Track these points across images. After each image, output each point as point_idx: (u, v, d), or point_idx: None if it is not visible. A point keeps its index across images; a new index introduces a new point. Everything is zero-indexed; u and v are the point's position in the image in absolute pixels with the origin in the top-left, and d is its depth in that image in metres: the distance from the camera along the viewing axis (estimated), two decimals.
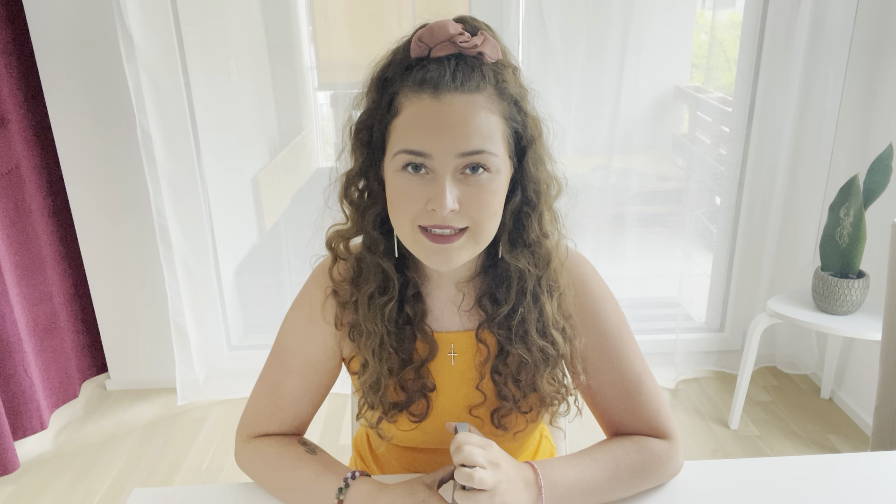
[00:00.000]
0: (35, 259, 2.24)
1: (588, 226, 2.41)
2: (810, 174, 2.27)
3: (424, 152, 0.75)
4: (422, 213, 0.76)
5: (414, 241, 0.79)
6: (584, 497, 0.83)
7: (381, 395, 0.88)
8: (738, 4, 2.28)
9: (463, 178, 0.76)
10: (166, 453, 2.18)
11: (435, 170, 0.75)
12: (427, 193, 0.76)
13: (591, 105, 2.30)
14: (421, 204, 0.76)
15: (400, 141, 0.76)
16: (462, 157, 0.75)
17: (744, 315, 2.52)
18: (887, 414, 1.34)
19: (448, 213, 0.75)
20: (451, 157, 0.74)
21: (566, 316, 0.89)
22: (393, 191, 0.78)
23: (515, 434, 0.92)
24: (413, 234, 0.78)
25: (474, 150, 0.75)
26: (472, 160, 0.75)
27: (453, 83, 0.74)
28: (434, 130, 0.74)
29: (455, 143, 0.74)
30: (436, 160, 0.75)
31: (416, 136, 0.75)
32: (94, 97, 2.18)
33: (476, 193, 0.76)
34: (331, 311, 0.91)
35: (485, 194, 0.76)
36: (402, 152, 0.76)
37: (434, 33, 0.76)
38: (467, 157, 0.75)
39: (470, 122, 0.74)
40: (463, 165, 0.75)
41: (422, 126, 0.75)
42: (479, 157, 0.75)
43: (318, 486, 0.85)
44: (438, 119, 0.74)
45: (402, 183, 0.77)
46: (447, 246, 0.77)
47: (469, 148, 0.74)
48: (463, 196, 0.76)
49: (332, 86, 2.56)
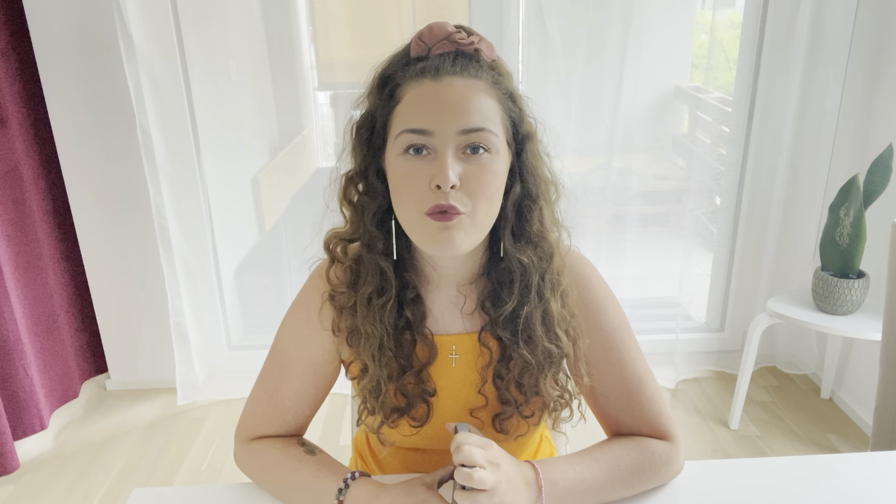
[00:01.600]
0: (35, 259, 2.24)
1: (588, 226, 2.41)
2: (810, 174, 2.27)
3: (426, 129, 0.76)
4: (426, 194, 0.76)
5: (420, 227, 0.78)
6: (584, 497, 0.83)
7: (381, 400, 0.88)
8: (738, 4, 2.28)
9: (464, 158, 0.77)
10: (166, 453, 2.18)
11: (436, 148, 0.76)
12: (430, 172, 0.76)
13: (592, 105, 2.30)
14: (424, 184, 0.76)
15: (402, 123, 0.78)
16: (463, 135, 0.76)
17: (744, 315, 2.52)
18: (887, 414, 1.34)
19: (450, 190, 0.75)
20: (453, 134, 0.76)
21: (571, 314, 0.89)
22: (396, 176, 0.79)
23: (517, 437, 0.92)
24: (419, 220, 0.78)
25: (475, 126, 0.76)
26: (472, 138, 0.76)
27: (453, 68, 0.78)
28: (435, 108, 0.76)
29: (456, 120, 0.75)
30: (437, 138, 0.76)
31: (418, 114, 0.77)
32: (93, 97, 2.18)
33: (477, 173, 0.77)
34: (328, 316, 0.91)
35: (485, 174, 0.77)
36: (404, 132, 0.77)
37: (434, 32, 0.79)
38: (468, 135, 0.76)
39: (470, 101, 0.76)
40: (464, 144, 0.76)
41: (423, 105, 0.77)
42: (480, 134, 0.76)
43: (318, 487, 0.85)
44: (439, 98, 0.76)
45: (405, 166, 0.77)
46: (449, 224, 0.76)
47: (470, 125, 0.76)
48: (464, 174, 0.76)
49: (332, 86, 2.56)
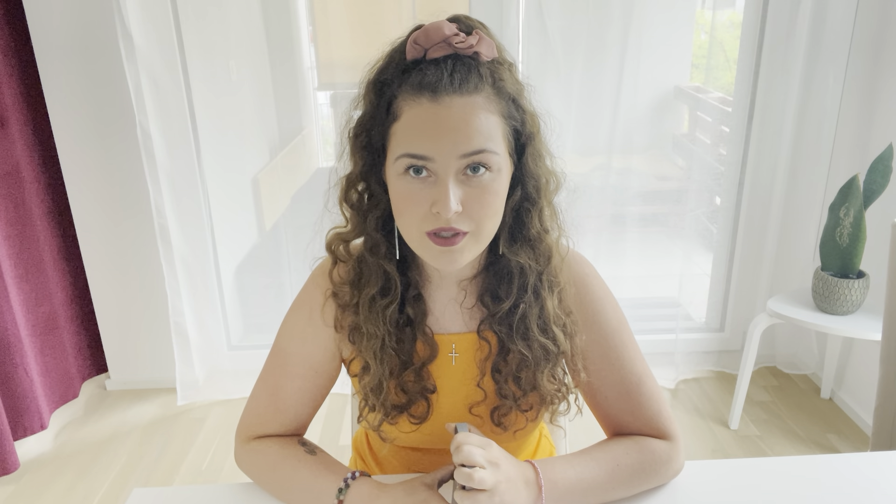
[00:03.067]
0: (35, 259, 2.24)
1: (588, 226, 2.41)
2: (810, 174, 2.27)
3: (426, 156, 0.75)
4: (427, 216, 0.77)
5: (421, 245, 0.80)
6: (584, 496, 0.83)
7: (382, 397, 0.88)
8: (738, 4, 2.28)
9: (465, 179, 0.76)
10: (166, 453, 2.18)
11: (437, 172, 0.75)
12: (431, 196, 0.76)
13: (591, 105, 2.29)
14: (426, 207, 0.76)
15: (401, 145, 0.77)
16: (464, 158, 0.75)
17: (744, 315, 2.52)
18: (887, 414, 1.34)
19: (452, 216, 0.75)
20: (453, 158, 0.75)
21: (567, 312, 0.89)
22: (397, 196, 0.79)
23: (515, 433, 0.92)
24: (420, 239, 0.79)
25: (476, 150, 0.75)
26: (473, 160, 0.75)
27: (451, 85, 0.75)
28: (435, 134, 0.74)
29: (457, 145, 0.74)
30: (438, 163, 0.75)
31: (417, 139, 0.75)
32: (94, 97, 2.18)
33: (478, 195, 0.76)
34: (330, 313, 0.91)
35: (487, 195, 0.77)
36: (403, 156, 0.76)
37: (429, 35, 0.76)
38: (469, 158, 0.75)
39: (470, 124, 0.75)
40: (465, 166, 0.76)
41: (422, 130, 0.75)
42: (481, 156, 0.75)
43: (318, 487, 0.85)
44: (438, 122, 0.74)
45: (405, 187, 0.77)
46: (451, 248, 0.78)
47: (470, 149, 0.75)
48: (466, 197, 0.76)
49: (332, 86, 2.56)
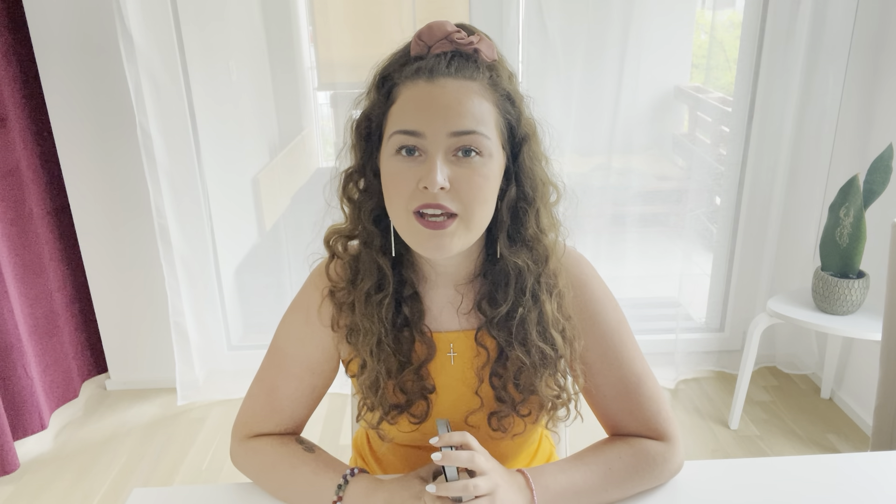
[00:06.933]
0: (35, 259, 2.24)
1: (588, 226, 2.41)
2: (810, 174, 2.27)
3: (417, 131, 0.76)
4: (414, 193, 0.77)
5: (409, 227, 0.79)
6: (577, 499, 0.84)
7: (380, 395, 0.88)
8: (738, 4, 2.28)
9: (455, 160, 0.77)
10: (166, 453, 2.18)
11: (427, 150, 0.76)
12: (419, 173, 0.76)
13: (591, 105, 2.29)
14: (413, 184, 0.77)
15: (395, 123, 0.78)
16: (454, 137, 0.76)
17: (744, 315, 2.52)
18: (887, 414, 1.34)
19: (439, 191, 0.75)
20: (443, 136, 0.76)
21: (566, 316, 0.88)
22: (387, 175, 0.79)
23: (514, 437, 0.92)
24: (408, 219, 0.78)
25: (466, 129, 0.76)
26: (463, 141, 0.76)
27: (448, 69, 0.77)
28: (427, 110, 0.76)
29: (447, 123, 0.75)
30: (428, 139, 0.76)
31: (410, 116, 0.77)
32: (94, 97, 2.18)
33: (468, 175, 0.77)
34: (327, 313, 0.91)
35: (476, 177, 0.77)
36: (396, 133, 0.77)
37: (433, 31, 0.79)
38: (459, 138, 0.76)
39: (463, 104, 0.76)
40: (455, 147, 0.76)
41: (415, 107, 0.77)
42: (471, 137, 0.76)
43: (318, 484, 0.85)
44: (432, 100, 0.76)
45: (396, 166, 0.78)
46: (440, 232, 0.77)
47: (461, 127, 0.76)
48: (454, 177, 0.76)
49: (332, 86, 2.56)
